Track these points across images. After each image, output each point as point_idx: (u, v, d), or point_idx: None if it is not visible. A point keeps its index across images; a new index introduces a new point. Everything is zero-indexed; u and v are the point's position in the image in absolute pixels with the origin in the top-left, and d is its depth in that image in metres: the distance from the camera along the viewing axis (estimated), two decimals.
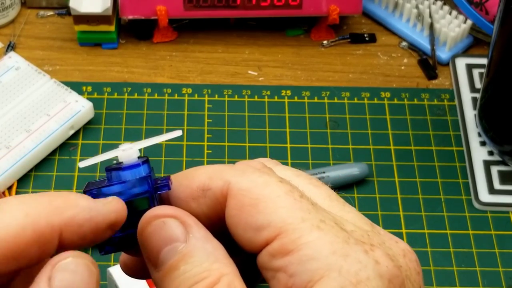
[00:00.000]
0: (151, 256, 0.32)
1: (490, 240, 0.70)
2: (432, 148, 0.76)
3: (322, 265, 0.31)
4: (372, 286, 0.31)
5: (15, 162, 0.70)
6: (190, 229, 0.32)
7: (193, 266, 0.31)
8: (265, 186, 0.33)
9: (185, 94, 0.79)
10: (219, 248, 0.32)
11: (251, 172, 0.33)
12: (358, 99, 0.80)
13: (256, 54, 0.84)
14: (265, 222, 0.32)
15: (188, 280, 0.31)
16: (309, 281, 0.31)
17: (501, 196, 0.72)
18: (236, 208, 0.33)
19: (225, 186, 0.33)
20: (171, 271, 0.32)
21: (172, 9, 0.81)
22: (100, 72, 0.81)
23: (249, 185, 0.33)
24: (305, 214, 0.32)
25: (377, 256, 0.32)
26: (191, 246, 0.32)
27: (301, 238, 0.31)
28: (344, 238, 0.32)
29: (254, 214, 0.32)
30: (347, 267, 0.31)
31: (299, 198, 0.33)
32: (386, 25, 0.87)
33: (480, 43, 0.86)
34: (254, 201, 0.32)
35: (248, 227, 0.32)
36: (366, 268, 0.31)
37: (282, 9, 0.82)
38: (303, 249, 0.31)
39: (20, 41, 0.83)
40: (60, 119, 0.73)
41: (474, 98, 0.79)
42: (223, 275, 0.31)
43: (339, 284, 0.30)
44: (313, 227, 0.32)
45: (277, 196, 0.32)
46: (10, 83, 0.76)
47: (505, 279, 0.68)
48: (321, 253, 0.31)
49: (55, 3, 0.86)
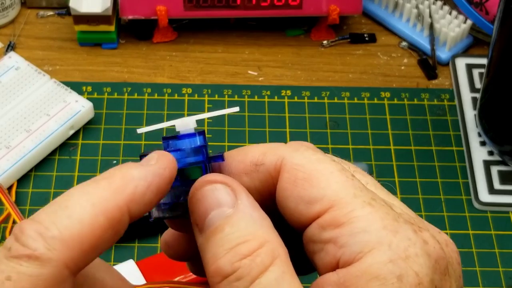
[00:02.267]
0: (199, 219, 0.33)
1: (490, 240, 0.70)
2: (432, 148, 0.76)
3: (373, 238, 0.31)
4: (420, 262, 0.31)
5: (15, 162, 0.70)
6: (239, 196, 0.33)
7: (238, 229, 0.32)
8: (319, 163, 0.34)
9: (185, 94, 0.79)
10: (266, 218, 0.33)
11: (304, 149, 0.35)
12: (358, 99, 0.80)
13: (256, 54, 0.84)
14: (318, 195, 0.33)
15: (231, 242, 0.32)
16: (359, 252, 0.31)
17: (501, 196, 0.72)
18: (290, 181, 0.34)
19: (278, 161, 0.34)
20: (216, 233, 0.32)
21: (172, 9, 0.81)
22: (100, 72, 0.81)
23: (303, 161, 0.34)
24: (357, 191, 0.33)
25: (425, 236, 0.32)
26: (238, 212, 0.32)
27: (353, 212, 0.32)
28: (394, 216, 0.32)
29: (307, 187, 0.33)
30: (397, 242, 0.31)
31: (351, 177, 0.34)
32: (386, 25, 0.87)
33: (480, 43, 0.86)
34: (307, 176, 0.33)
35: (300, 200, 0.33)
36: (415, 246, 0.32)
37: (282, 9, 0.82)
38: (355, 222, 0.32)
39: (20, 41, 0.83)
40: (60, 119, 0.73)
41: (474, 98, 0.79)
42: (267, 241, 0.32)
43: (389, 257, 0.31)
44: (365, 203, 0.32)
45: (331, 172, 0.33)
46: (10, 83, 0.76)
47: (505, 279, 0.68)
48: (372, 227, 0.32)
49: (55, 3, 0.86)
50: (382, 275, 0.31)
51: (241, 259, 0.31)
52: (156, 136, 0.75)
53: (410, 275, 0.31)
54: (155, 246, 0.68)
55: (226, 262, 0.31)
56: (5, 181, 0.69)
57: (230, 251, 0.31)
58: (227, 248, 0.31)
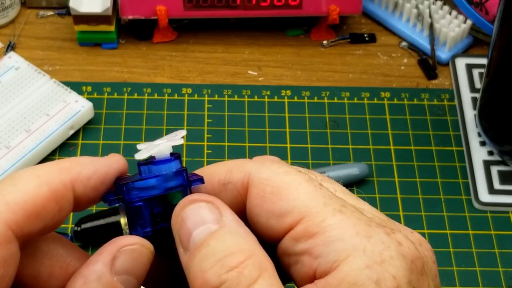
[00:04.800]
0: (184, 238, 0.33)
1: (490, 240, 0.70)
2: (432, 148, 0.76)
3: (347, 245, 0.31)
4: (396, 265, 0.31)
5: (15, 162, 0.70)
6: (223, 213, 0.33)
7: (224, 243, 0.32)
8: (285, 175, 0.34)
9: (185, 94, 0.79)
10: (250, 234, 0.33)
11: (270, 163, 0.34)
12: (358, 99, 0.80)
13: (256, 54, 0.84)
14: (288, 208, 0.33)
15: (217, 255, 0.31)
16: (335, 261, 0.31)
17: (501, 196, 0.72)
18: (258, 197, 0.34)
19: (245, 177, 0.34)
20: (201, 248, 0.32)
21: (172, 9, 0.81)
22: (100, 72, 0.81)
23: (269, 175, 0.34)
24: (326, 199, 0.33)
25: (399, 238, 0.33)
26: (224, 227, 0.32)
27: (325, 221, 0.32)
28: (366, 221, 0.32)
29: (276, 201, 0.33)
30: (371, 247, 0.31)
31: (319, 186, 0.34)
32: (386, 25, 0.87)
33: (480, 43, 0.86)
34: (276, 189, 0.33)
35: (270, 214, 0.33)
36: (390, 249, 0.32)
37: (282, 9, 0.82)
38: (328, 231, 0.32)
39: (20, 41, 0.83)
40: (60, 119, 0.73)
41: (474, 98, 0.79)
42: (254, 254, 0.32)
43: (365, 263, 0.31)
44: (336, 211, 0.32)
45: (298, 184, 0.33)
46: (10, 83, 0.76)
47: (505, 279, 0.68)
48: (345, 234, 0.32)
49: (55, 3, 0.86)
50: (360, 281, 0.31)
51: (228, 271, 0.31)
52: (157, 137, 0.75)
53: (388, 279, 0.31)
54: None
55: (213, 275, 0.31)
56: None
57: (216, 263, 0.31)
58: (214, 261, 0.31)
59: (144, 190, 0.34)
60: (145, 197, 0.34)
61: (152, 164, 0.35)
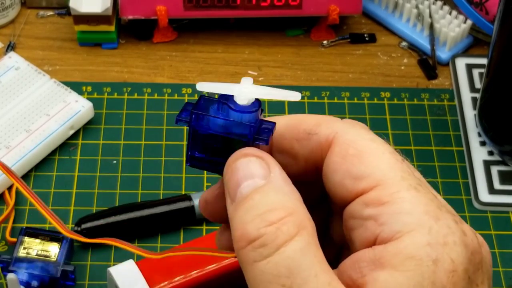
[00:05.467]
0: (232, 189, 0.34)
1: (490, 240, 0.70)
2: (432, 148, 0.76)
3: (414, 220, 0.32)
4: (457, 251, 0.32)
5: (15, 162, 0.70)
6: (272, 170, 0.34)
7: (267, 199, 0.33)
8: (371, 142, 0.35)
9: (185, 94, 0.79)
10: (296, 193, 0.34)
11: (359, 127, 0.36)
12: (358, 99, 0.80)
13: (256, 54, 0.84)
14: (366, 172, 0.33)
15: (259, 209, 0.32)
16: (398, 231, 0.32)
17: (501, 196, 0.72)
18: (340, 155, 0.34)
19: (331, 134, 0.35)
20: (246, 201, 0.33)
21: (172, 9, 0.81)
22: (100, 72, 0.81)
23: (356, 137, 0.35)
24: (405, 174, 0.34)
25: (465, 228, 0.33)
26: (270, 183, 0.33)
27: (399, 193, 0.33)
28: (438, 204, 0.33)
29: (356, 163, 0.34)
30: (437, 228, 0.32)
31: (401, 160, 0.35)
32: (386, 25, 0.87)
33: (480, 43, 0.86)
34: (358, 152, 0.34)
35: (347, 174, 0.34)
36: (454, 235, 0.32)
37: (282, 9, 0.82)
38: (399, 203, 0.32)
39: (20, 41, 0.83)
40: (60, 119, 0.73)
41: (474, 98, 0.79)
42: (295, 212, 0.32)
43: (427, 240, 0.31)
44: (411, 187, 0.33)
45: (382, 153, 0.34)
46: (10, 83, 0.76)
47: (505, 279, 0.68)
48: (415, 210, 0.32)
49: (55, 3, 0.86)
50: (418, 256, 0.31)
51: (267, 226, 0.32)
52: (157, 136, 0.75)
53: (446, 261, 0.31)
54: (155, 246, 0.68)
55: (252, 228, 0.32)
56: (5, 181, 0.69)
57: (257, 217, 0.32)
58: (255, 214, 0.32)
59: (212, 125, 0.36)
60: (209, 132, 0.36)
61: (231, 107, 0.36)
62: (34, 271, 0.62)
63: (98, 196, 0.70)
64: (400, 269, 0.31)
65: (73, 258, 0.66)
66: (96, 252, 0.67)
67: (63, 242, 0.64)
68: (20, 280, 0.62)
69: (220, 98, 0.36)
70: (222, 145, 0.36)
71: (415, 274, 0.31)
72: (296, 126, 0.36)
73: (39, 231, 0.64)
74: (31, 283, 0.62)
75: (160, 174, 0.72)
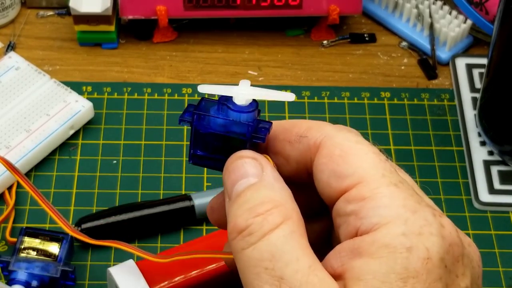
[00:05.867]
0: (229, 188, 0.37)
1: (490, 240, 0.70)
2: (432, 148, 0.76)
3: (391, 213, 0.34)
4: (432, 240, 0.33)
5: (15, 162, 0.70)
6: (264, 169, 0.37)
7: (259, 195, 0.36)
8: (356, 144, 0.37)
9: (185, 94, 0.79)
10: (287, 190, 0.36)
11: (347, 131, 0.38)
12: (358, 99, 0.80)
13: (256, 54, 0.84)
14: (349, 171, 0.36)
15: (250, 203, 0.35)
16: (376, 223, 0.34)
17: (501, 196, 0.72)
18: (327, 156, 0.37)
19: (320, 137, 0.38)
20: (239, 197, 0.36)
21: (172, 9, 0.81)
22: (100, 72, 0.81)
23: (343, 140, 0.37)
24: (386, 172, 0.36)
25: (444, 222, 0.35)
26: (262, 181, 0.36)
27: (378, 189, 0.35)
28: (417, 199, 0.35)
29: (341, 163, 0.36)
30: (413, 220, 0.34)
31: (384, 160, 0.37)
32: (386, 25, 0.87)
33: (480, 43, 0.86)
34: (344, 153, 0.36)
35: (333, 174, 0.36)
36: (431, 226, 0.34)
37: (282, 9, 0.82)
38: (378, 198, 0.35)
39: (20, 41, 0.83)
40: (60, 119, 0.73)
41: (474, 98, 0.79)
42: (282, 205, 0.35)
43: (402, 231, 0.33)
44: (391, 183, 0.35)
45: (365, 153, 0.36)
46: (10, 83, 0.76)
47: (505, 279, 0.68)
48: (393, 204, 0.34)
49: (55, 3, 0.86)
50: (393, 244, 0.33)
51: (254, 217, 0.34)
52: (157, 136, 0.75)
53: (420, 249, 0.33)
54: (155, 246, 0.68)
55: (242, 219, 0.35)
56: (5, 181, 0.69)
57: (247, 210, 0.35)
58: (246, 208, 0.35)
59: (212, 125, 0.39)
60: (210, 131, 0.39)
61: (230, 107, 0.38)
62: (34, 271, 0.62)
63: (98, 196, 0.70)
64: (375, 257, 0.33)
65: (73, 258, 0.66)
66: (96, 252, 0.67)
67: (63, 242, 0.64)
68: (20, 280, 0.62)
69: (220, 99, 0.39)
70: (222, 143, 0.39)
71: (388, 260, 0.33)
72: (289, 129, 0.39)
73: (39, 231, 0.64)
74: (31, 283, 0.62)
75: (160, 174, 0.72)
